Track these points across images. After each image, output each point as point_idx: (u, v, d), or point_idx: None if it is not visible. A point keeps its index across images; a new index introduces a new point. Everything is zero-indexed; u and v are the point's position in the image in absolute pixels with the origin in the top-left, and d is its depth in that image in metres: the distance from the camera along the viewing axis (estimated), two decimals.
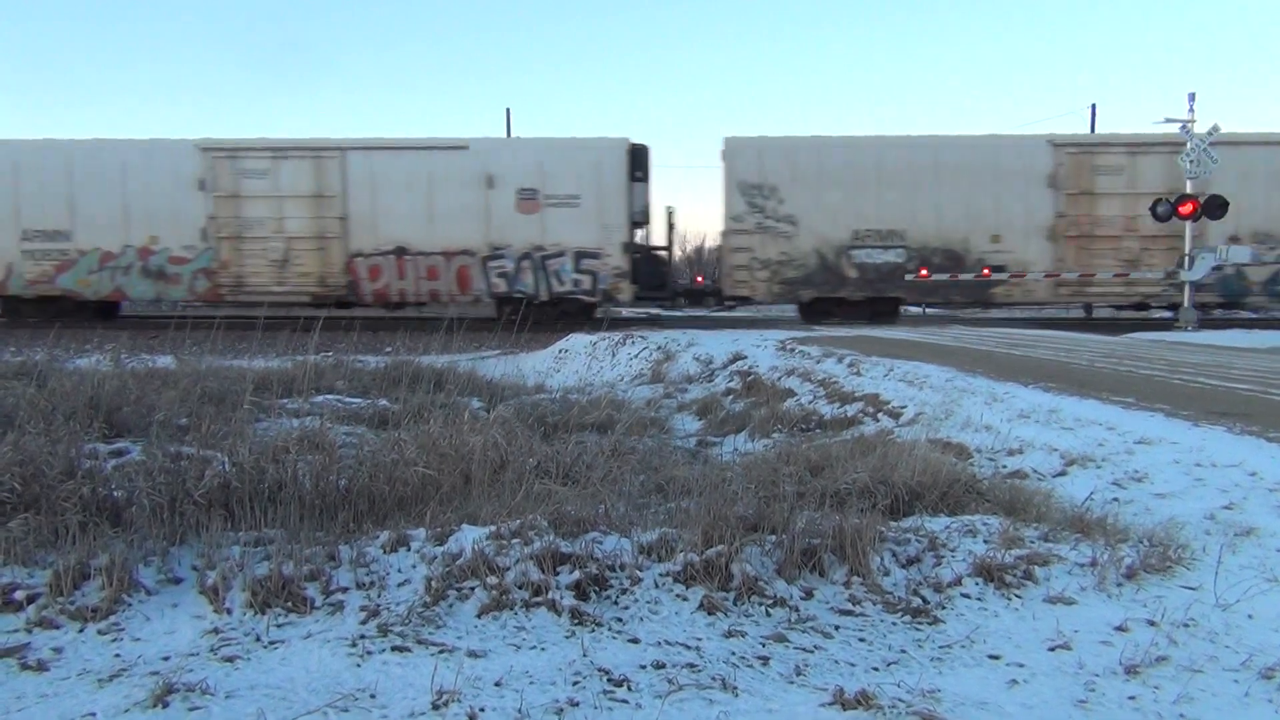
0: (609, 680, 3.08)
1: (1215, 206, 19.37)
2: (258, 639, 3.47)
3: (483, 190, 22.71)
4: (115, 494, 4.74)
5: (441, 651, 3.31)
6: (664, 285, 24.32)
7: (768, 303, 24.39)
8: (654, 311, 26.48)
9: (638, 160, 23.00)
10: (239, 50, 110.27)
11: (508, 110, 38.23)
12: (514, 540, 4.02)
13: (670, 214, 24.45)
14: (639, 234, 23.88)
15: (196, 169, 22.82)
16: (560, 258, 22.81)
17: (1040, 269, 22.32)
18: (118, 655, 3.38)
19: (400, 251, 22.96)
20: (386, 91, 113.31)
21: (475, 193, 22.73)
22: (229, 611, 3.68)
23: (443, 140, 23.07)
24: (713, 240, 24.44)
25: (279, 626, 3.58)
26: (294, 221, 22.91)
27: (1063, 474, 5.46)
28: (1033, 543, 4.14)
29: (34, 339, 17.88)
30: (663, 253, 24.80)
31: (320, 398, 8.80)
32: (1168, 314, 22.97)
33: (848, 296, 22.77)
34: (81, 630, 3.55)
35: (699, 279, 23.70)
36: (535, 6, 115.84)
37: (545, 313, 22.48)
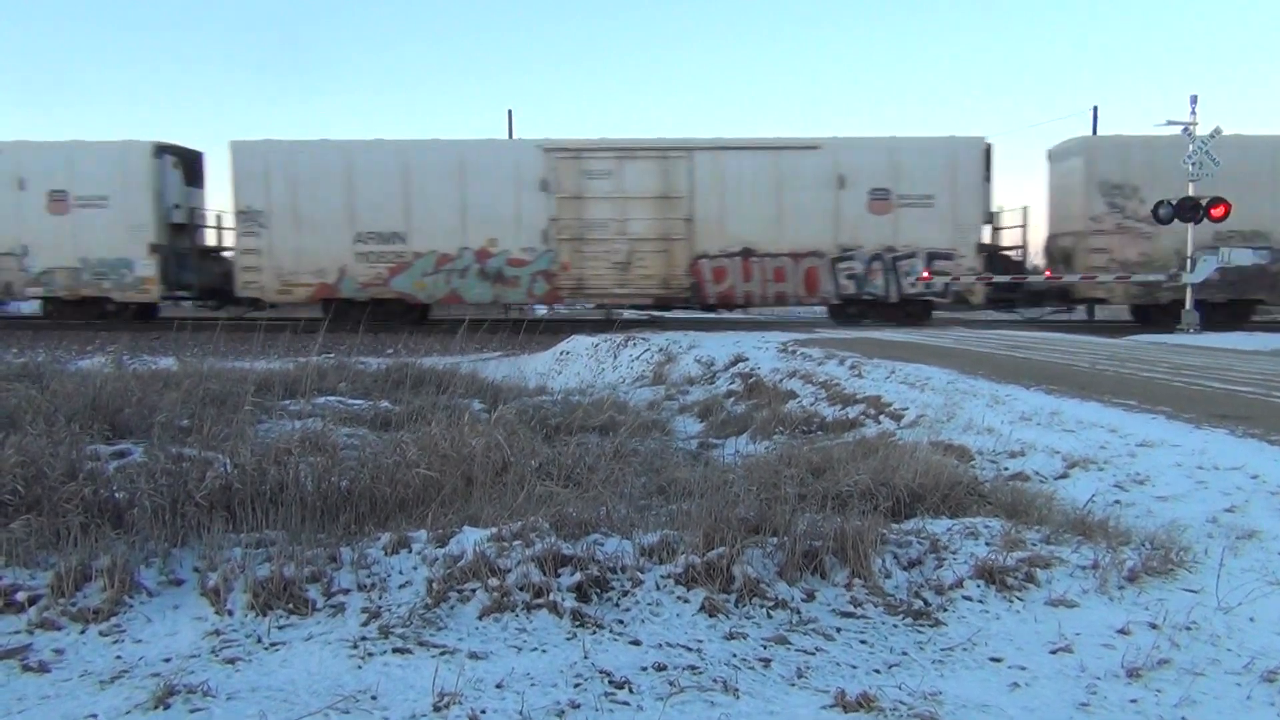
0: (610, 682, 3.08)
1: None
2: (259, 641, 3.47)
3: (833, 191, 22.47)
4: (117, 495, 4.74)
5: (443, 653, 3.31)
6: (1017, 287, 23.68)
7: (1122, 303, 23.79)
8: (655, 313, 26.40)
9: (987, 159, 22.74)
10: (238, 51, 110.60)
11: (509, 112, 38.24)
12: (515, 542, 4.02)
13: (1025, 213, 23.96)
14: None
15: (539, 170, 22.65)
16: (911, 259, 22.53)
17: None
18: (119, 657, 3.38)
19: (746, 253, 22.73)
20: (382, 92, 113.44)
21: (825, 193, 22.48)
22: (230, 613, 3.68)
23: (794, 140, 22.77)
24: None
25: (280, 628, 3.58)
26: (638, 223, 22.68)
27: (1065, 476, 5.46)
28: (1034, 545, 4.13)
29: (36, 340, 17.89)
30: (1013, 253, 24.13)
31: (322, 399, 8.80)
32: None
33: (1207, 298, 21.92)
34: (83, 632, 3.55)
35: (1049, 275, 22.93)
36: (534, 6, 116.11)
37: (889, 313, 22.50)
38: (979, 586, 3.86)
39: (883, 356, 11.71)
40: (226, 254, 24.60)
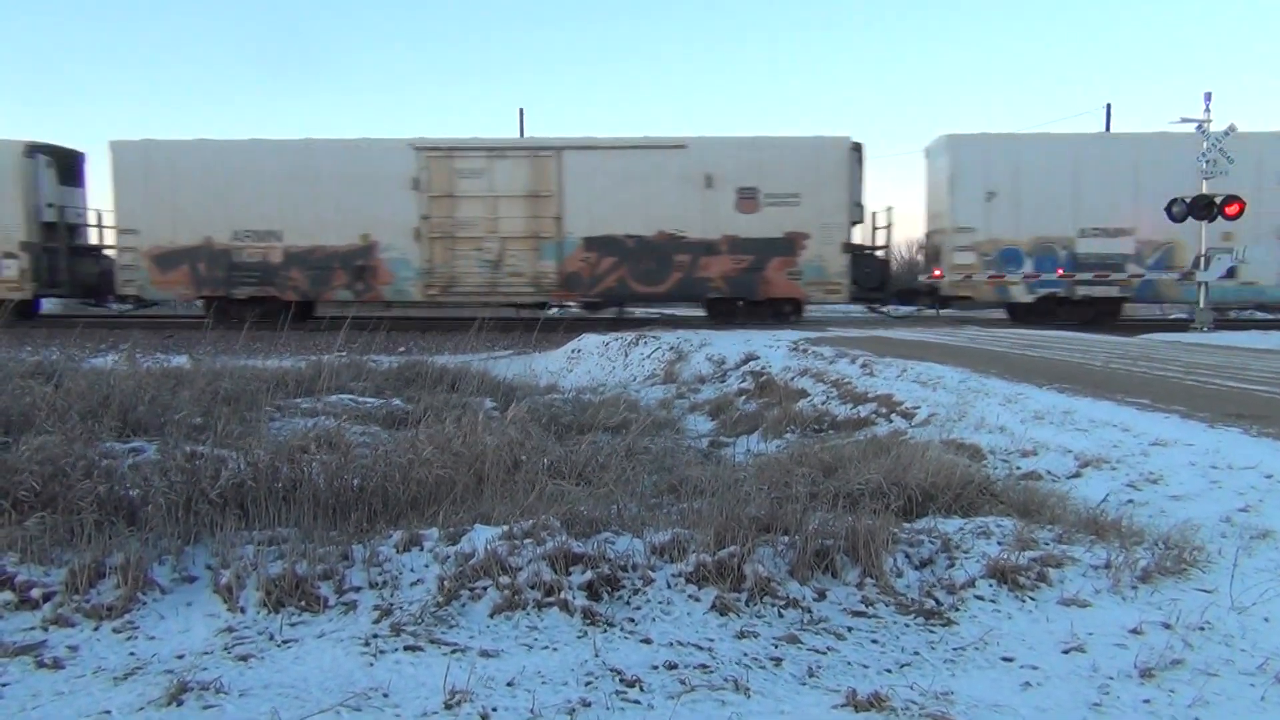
0: (621, 681, 3.08)
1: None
2: (271, 638, 3.48)
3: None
4: (131, 493, 4.76)
5: (454, 651, 3.31)
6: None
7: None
8: (666, 312, 26.36)
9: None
10: (241, 48, 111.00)
11: (520, 110, 38.32)
12: (526, 540, 4.03)
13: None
14: None
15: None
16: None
17: None
18: (133, 653, 3.39)
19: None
20: (386, 91, 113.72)
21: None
22: (243, 610, 3.69)
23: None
24: None
25: (292, 625, 3.59)
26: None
27: (1077, 476, 5.43)
28: (1047, 545, 4.12)
29: (50, 338, 17.99)
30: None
31: (334, 397, 8.82)
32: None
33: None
34: (97, 628, 3.57)
35: None
36: (540, 6, 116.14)
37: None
38: (991, 586, 3.84)
39: (894, 355, 11.68)
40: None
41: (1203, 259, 19.97)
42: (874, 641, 3.49)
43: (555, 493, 4.96)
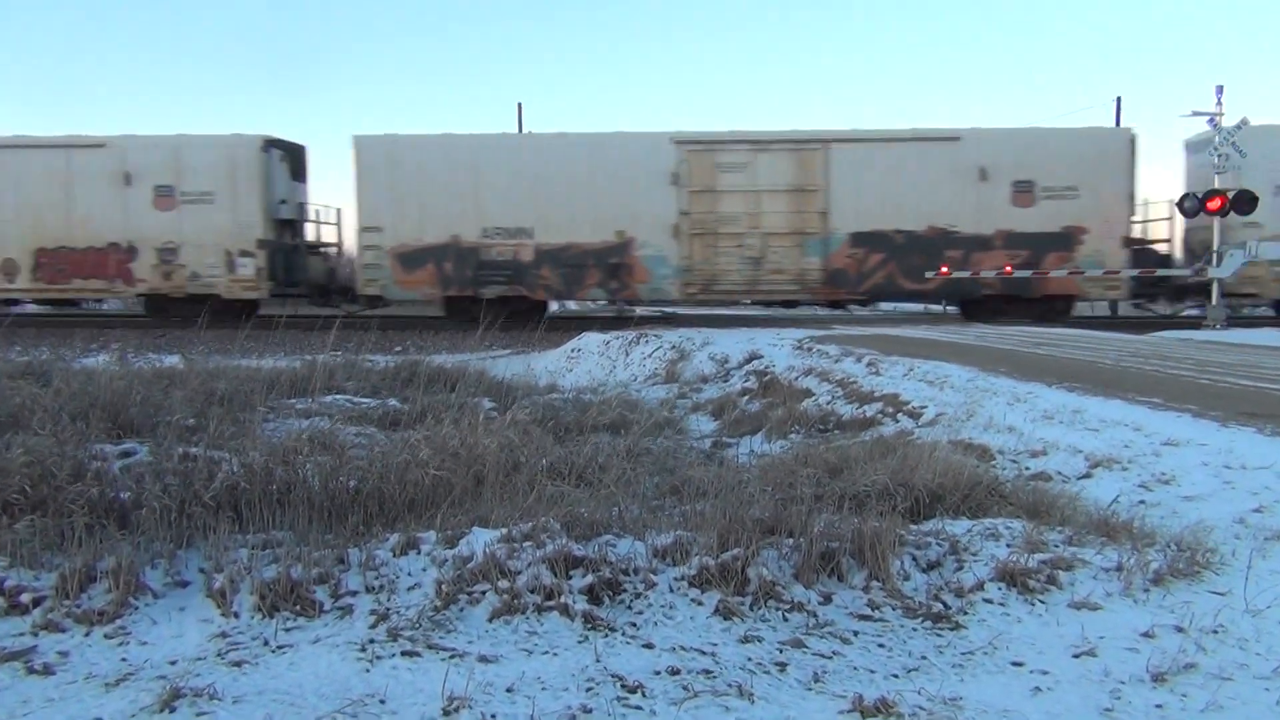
0: (623, 686, 3.08)
1: (1244, 202, 19.23)
2: (266, 643, 3.48)
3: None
4: (122, 496, 4.77)
5: (452, 656, 3.31)
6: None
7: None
8: (667, 310, 26.36)
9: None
10: (233, 46, 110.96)
11: (519, 105, 38.37)
12: (526, 543, 4.02)
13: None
14: None
15: None
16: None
17: None
18: (124, 659, 3.39)
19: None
20: (367, 87, 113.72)
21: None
22: (237, 615, 3.69)
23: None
24: None
25: (287, 630, 3.59)
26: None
27: (1088, 476, 5.43)
28: (1057, 547, 4.12)
29: (40, 338, 18.00)
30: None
31: (330, 398, 8.83)
32: None
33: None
34: (88, 634, 3.57)
35: None
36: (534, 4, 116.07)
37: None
38: (1000, 589, 3.84)
39: (901, 353, 11.68)
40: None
41: (1215, 254, 19.95)
42: (881, 646, 3.48)
43: (555, 495, 4.96)
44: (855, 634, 3.57)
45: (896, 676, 3.22)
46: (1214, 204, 19.28)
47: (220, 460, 5.18)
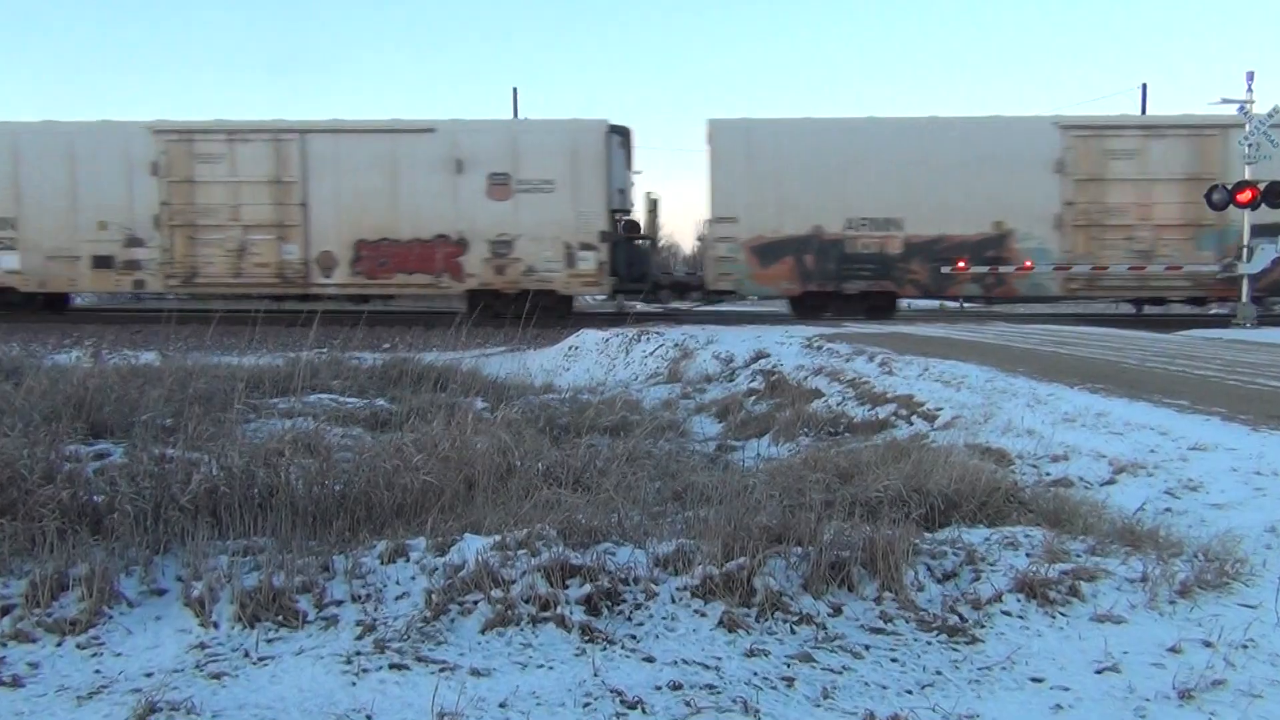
0: (622, 702, 3.08)
1: (1276, 194, 19.21)
2: (246, 655, 3.48)
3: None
4: (96, 499, 4.76)
5: (442, 670, 3.31)
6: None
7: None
8: (673, 306, 26.39)
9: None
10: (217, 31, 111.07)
11: (514, 89, 38.45)
12: (520, 551, 4.02)
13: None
14: None
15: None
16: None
17: None
18: (98, 671, 3.39)
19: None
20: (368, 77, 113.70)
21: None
22: (216, 625, 3.69)
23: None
24: None
25: (269, 642, 3.59)
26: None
27: (1111, 482, 5.43)
28: (1079, 556, 4.11)
29: (10, 333, 18.01)
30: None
31: (314, 397, 8.82)
32: None
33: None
34: (60, 644, 3.57)
35: None
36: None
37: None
38: (1019, 601, 3.84)
39: (916, 352, 11.67)
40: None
41: (1245, 250, 19.95)
42: (893, 660, 3.48)
43: (551, 500, 4.95)
44: (867, 648, 3.57)
45: (910, 693, 3.21)
46: (1244, 196, 19.25)
47: (198, 462, 5.17)
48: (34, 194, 22.46)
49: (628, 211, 23.60)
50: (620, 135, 22.90)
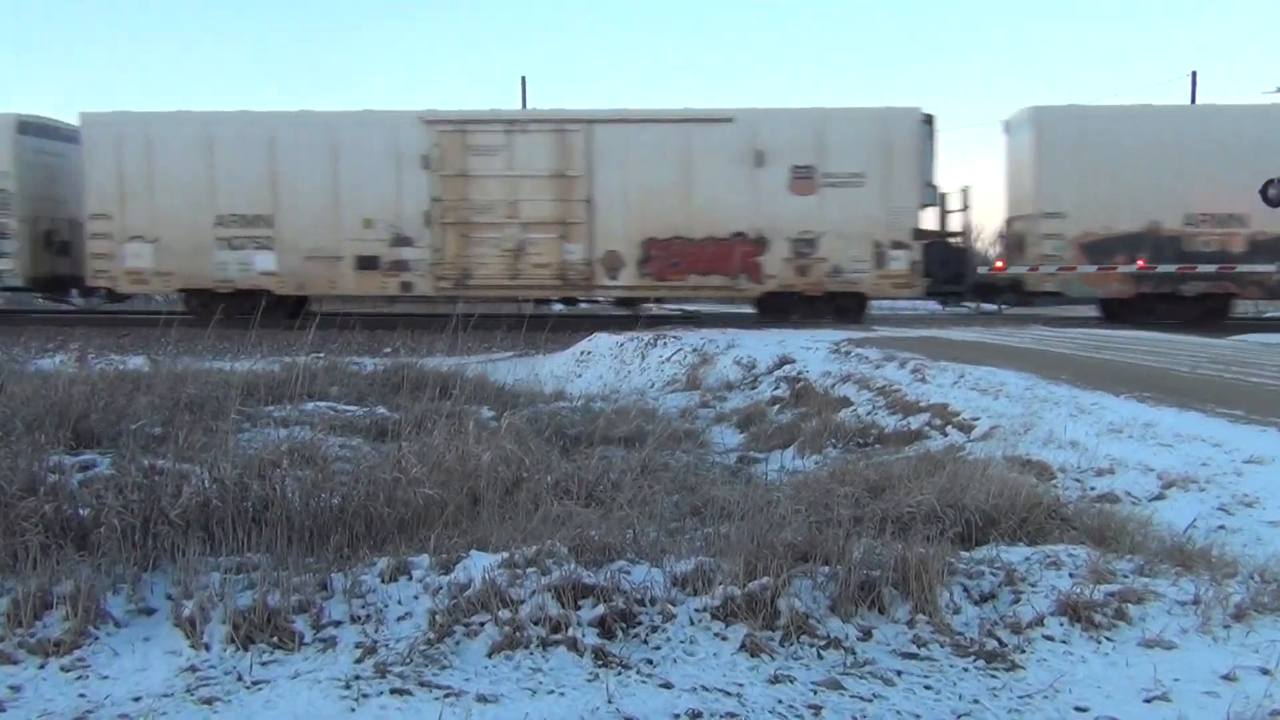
0: None
1: None
2: (239, 678, 3.49)
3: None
4: (81, 512, 4.78)
5: (447, 695, 3.31)
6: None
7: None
8: (689, 309, 26.31)
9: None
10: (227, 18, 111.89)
11: (523, 79, 38.54)
12: (529, 569, 4.03)
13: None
14: None
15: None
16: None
17: None
18: (83, 695, 3.41)
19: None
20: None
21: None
22: (207, 647, 3.70)
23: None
24: None
25: (263, 665, 3.59)
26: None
27: (1160, 498, 5.41)
28: (1126, 577, 4.09)
29: None
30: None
31: (311, 405, 8.85)
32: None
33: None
34: (42, 666, 3.59)
35: None
36: None
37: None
38: (1062, 624, 3.82)
39: (950, 358, 11.65)
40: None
41: None
42: (927, 688, 3.47)
43: (562, 515, 4.96)
44: (899, 674, 3.56)
45: None
46: None
47: (189, 474, 5.19)
48: (292, 189, 22.22)
49: (938, 205, 22.97)
50: (928, 124, 22.33)
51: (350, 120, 22.42)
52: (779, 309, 21.93)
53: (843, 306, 21.09)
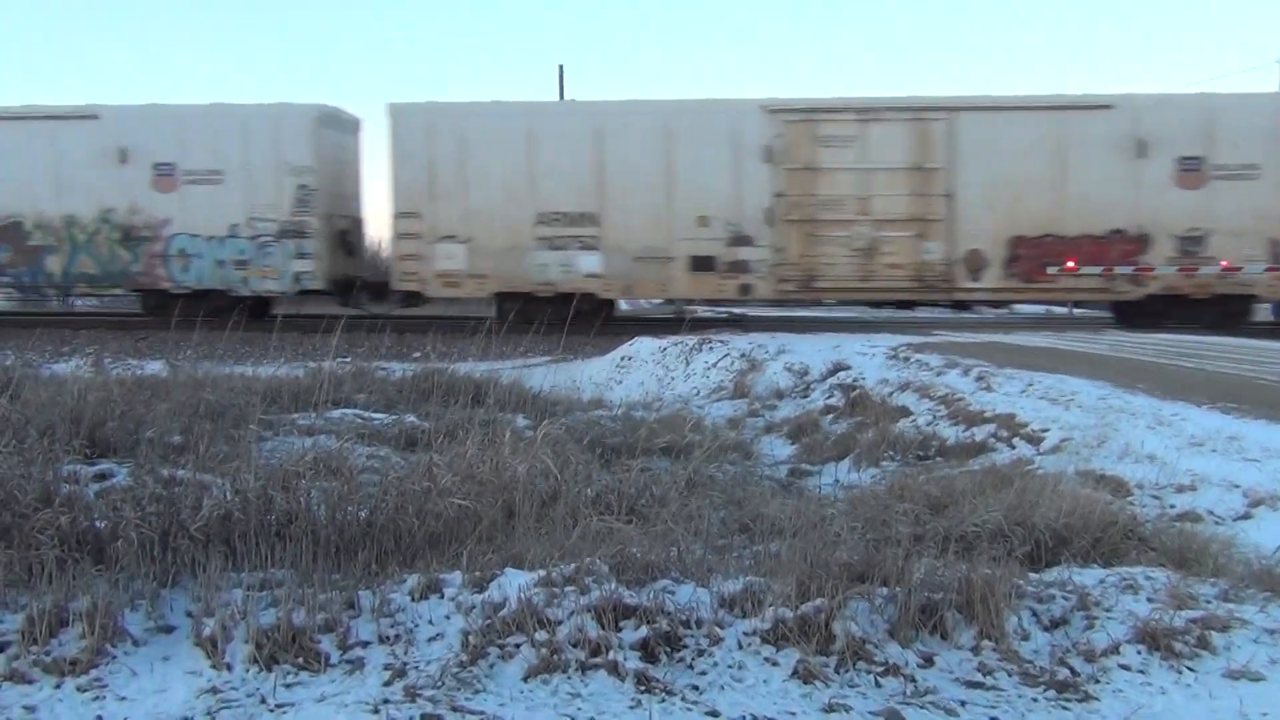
0: None
1: None
2: (262, 701, 3.52)
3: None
4: (98, 525, 4.85)
5: None
6: None
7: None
8: (736, 312, 26.20)
9: None
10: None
11: (560, 67, 38.65)
12: (568, 588, 4.04)
13: None
14: None
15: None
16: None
17: None
18: (100, 716, 3.45)
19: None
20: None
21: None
22: (229, 667, 3.74)
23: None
24: None
25: (288, 686, 3.62)
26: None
27: (1246, 517, 5.35)
28: (1209, 602, 4.05)
29: (3, 340, 18.42)
30: None
31: (337, 412, 8.93)
32: None
33: None
34: (58, 686, 3.63)
35: None
36: None
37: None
38: (1139, 653, 3.79)
39: (1016, 365, 11.56)
40: None
41: None
42: (993, 719, 3.45)
43: (602, 530, 4.97)
44: (963, 704, 3.54)
45: None
46: None
47: (210, 485, 5.25)
48: (621, 185, 21.73)
49: None
50: None
51: (685, 110, 21.90)
52: (1153, 313, 21.17)
53: (1230, 312, 20.29)
